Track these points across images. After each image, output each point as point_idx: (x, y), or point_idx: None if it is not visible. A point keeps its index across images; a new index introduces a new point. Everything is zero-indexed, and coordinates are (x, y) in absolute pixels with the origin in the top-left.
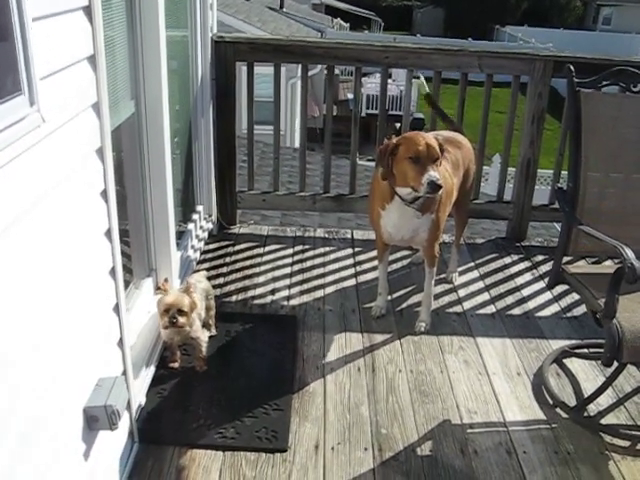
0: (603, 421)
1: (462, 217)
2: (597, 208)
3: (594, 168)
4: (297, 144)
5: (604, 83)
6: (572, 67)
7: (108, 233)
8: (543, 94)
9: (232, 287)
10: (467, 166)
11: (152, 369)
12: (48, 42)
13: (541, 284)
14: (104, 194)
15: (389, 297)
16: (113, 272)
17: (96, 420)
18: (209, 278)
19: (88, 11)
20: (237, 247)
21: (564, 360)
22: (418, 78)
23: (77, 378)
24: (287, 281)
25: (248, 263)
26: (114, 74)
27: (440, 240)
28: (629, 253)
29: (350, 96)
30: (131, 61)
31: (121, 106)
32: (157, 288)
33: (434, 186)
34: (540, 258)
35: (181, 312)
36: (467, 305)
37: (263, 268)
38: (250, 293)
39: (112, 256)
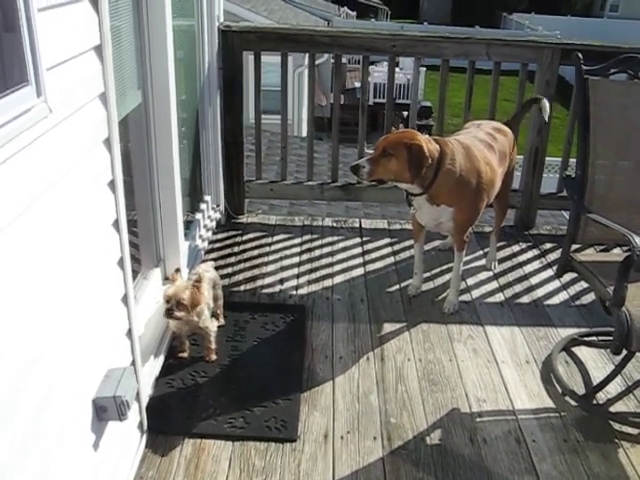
0: (612, 409)
1: (502, 206)
2: (606, 196)
3: (602, 156)
4: (304, 133)
5: (612, 71)
6: (580, 55)
7: (116, 224)
8: (551, 82)
9: (240, 277)
10: (511, 156)
11: (161, 359)
12: (54, 33)
13: (549, 272)
14: (112, 184)
15: (398, 285)
16: (121, 262)
17: (105, 411)
18: (217, 268)
19: (95, 1)
20: (245, 237)
21: (573, 348)
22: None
23: (86, 369)
24: (295, 270)
25: (256, 253)
26: (121, 64)
27: (469, 228)
28: (638, 241)
29: (357, 85)
30: (138, 51)
31: (128, 96)
32: (166, 278)
33: (351, 167)
34: (548, 246)
35: (180, 305)
36: (476, 294)
37: (271, 257)
38: (259, 282)
39: (120, 246)
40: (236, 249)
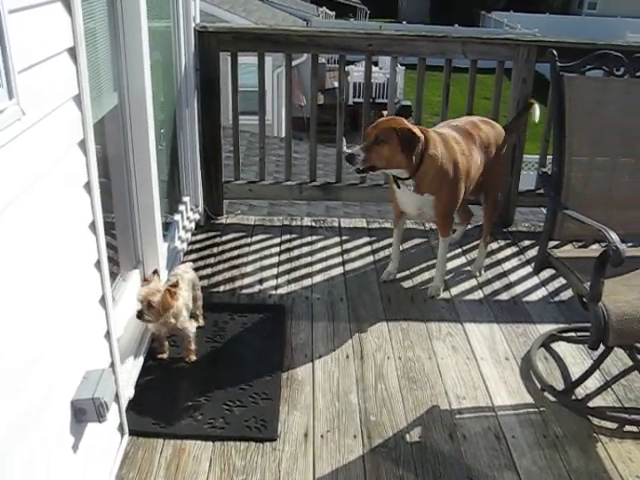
0: (591, 404)
1: (490, 203)
2: (582, 192)
3: (578, 152)
4: (284, 133)
5: (587, 67)
6: (555, 52)
7: (92, 225)
8: (527, 79)
9: (220, 277)
10: (497, 147)
11: (141, 360)
12: (26, 35)
13: (528, 269)
14: (87, 186)
15: (377, 284)
16: (98, 264)
17: (84, 413)
18: (197, 269)
19: (67, 3)
20: (224, 237)
21: (552, 344)
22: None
23: (64, 371)
24: (275, 270)
25: (235, 253)
26: (96, 66)
27: (451, 215)
28: (613, 236)
29: (337, 84)
30: (113, 53)
31: (104, 98)
32: (144, 280)
33: (345, 155)
34: (527, 243)
35: (150, 307)
36: (455, 291)
37: (251, 258)
38: (238, 283)
39: (97, 248)
40: (215, 250)
